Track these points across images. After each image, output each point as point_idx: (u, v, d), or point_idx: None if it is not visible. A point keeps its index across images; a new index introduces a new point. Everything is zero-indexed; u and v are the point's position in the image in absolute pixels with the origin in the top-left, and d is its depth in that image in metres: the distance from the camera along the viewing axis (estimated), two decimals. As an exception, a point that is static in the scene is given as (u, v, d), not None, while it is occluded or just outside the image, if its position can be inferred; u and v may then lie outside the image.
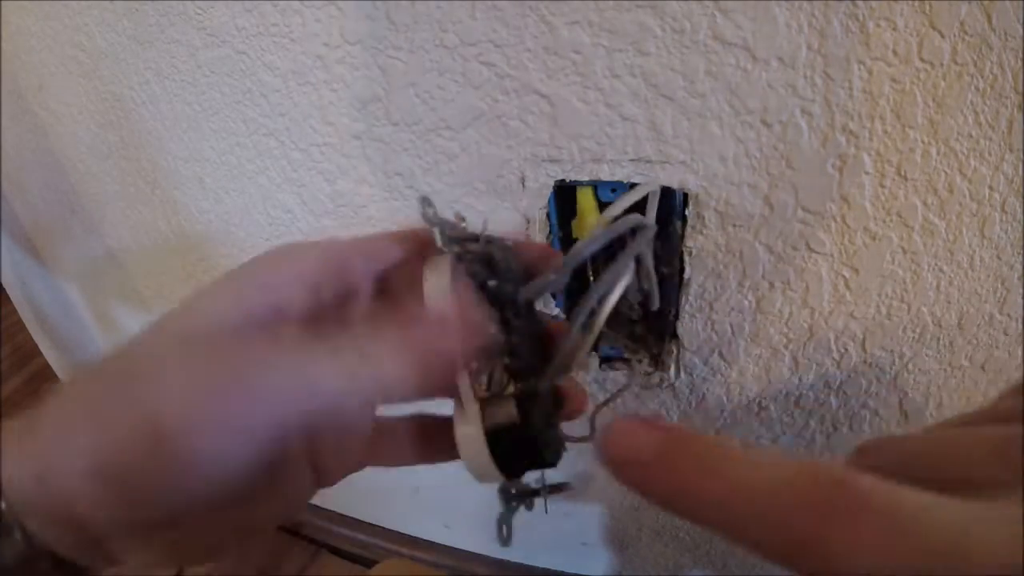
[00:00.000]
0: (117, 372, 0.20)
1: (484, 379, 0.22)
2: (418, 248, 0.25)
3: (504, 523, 0.25)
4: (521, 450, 0.22)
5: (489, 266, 0.22)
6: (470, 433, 0.22)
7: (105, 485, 0.18)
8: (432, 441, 0.27)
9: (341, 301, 0.23)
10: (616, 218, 0.27)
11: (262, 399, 0.18)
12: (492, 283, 0.22)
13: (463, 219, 0.24)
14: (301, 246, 0.23)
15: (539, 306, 0.26)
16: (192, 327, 0.20)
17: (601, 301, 0.24)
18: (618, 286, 0.24)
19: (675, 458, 0.16)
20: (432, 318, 0.21)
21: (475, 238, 0.22)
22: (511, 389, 0.22)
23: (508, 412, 0.22)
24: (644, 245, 0.26)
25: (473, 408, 0.21)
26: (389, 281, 0.25)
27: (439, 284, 0.21)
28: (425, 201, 0.23)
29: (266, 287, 0.21)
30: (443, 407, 0.27)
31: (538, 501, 0.26)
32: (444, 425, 0.27)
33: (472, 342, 0.21)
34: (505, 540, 0.25)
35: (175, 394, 0.18)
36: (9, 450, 0.19)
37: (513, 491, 0.24)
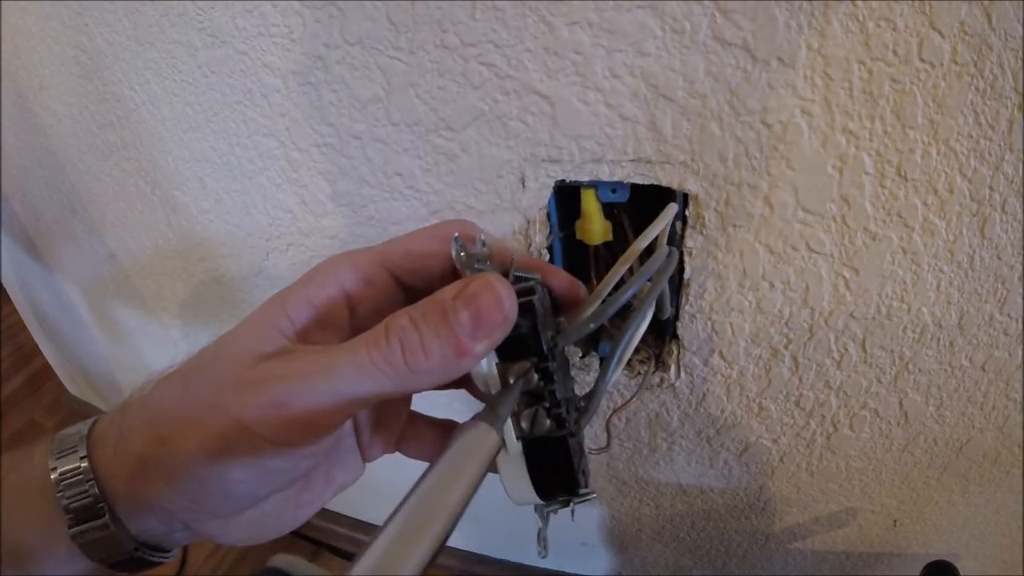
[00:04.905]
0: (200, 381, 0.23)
1: (524, 418, 0.24)
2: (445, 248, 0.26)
3: (543, 536, 0.27)
4: (559, 480, 0.24)
5: (531, 314, 0.22)
6: (514, 470, 0.24)
7: (200, 484, 0.22)
8: None
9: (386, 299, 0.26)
10: (644, 249, 0.28)
11: (302, 414, 0.21)
12: (533, 331, 0.22)
13: (484, 243, 0.24)
14: (339, 259, 0.26)
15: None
16: (239, 352, 0.23)
17: (627, 343, 0.26)
18: (643, 326, 0.26)
19: None
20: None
21: (505, 273, 0.23)
22: (548, 425, 0.23)
23: (549, 451, 0.24)
24: (668, 276, 0.27)
25: (516, 447, 0.24)
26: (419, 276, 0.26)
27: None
28: (457, 243, 0.23)
29: (308, 302, 0.24)
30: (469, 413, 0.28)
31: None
32: None
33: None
34: (545, 552, 0.28)
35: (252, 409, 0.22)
36: (105, 447, 0.23)
37: (547, 507, 0.26)
